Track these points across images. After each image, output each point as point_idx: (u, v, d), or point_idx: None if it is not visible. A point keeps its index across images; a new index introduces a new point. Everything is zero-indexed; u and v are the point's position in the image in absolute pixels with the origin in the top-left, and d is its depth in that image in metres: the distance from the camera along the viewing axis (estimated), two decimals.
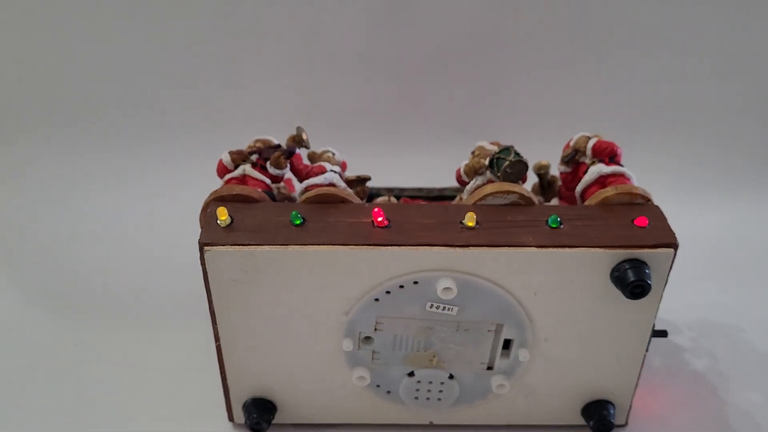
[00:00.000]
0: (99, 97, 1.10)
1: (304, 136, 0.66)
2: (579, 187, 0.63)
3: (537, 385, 0.62)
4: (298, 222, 0.55)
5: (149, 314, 0.82)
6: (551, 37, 1.08)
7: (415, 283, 0.55)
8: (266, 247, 0.53)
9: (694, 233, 0.80)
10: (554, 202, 0.70)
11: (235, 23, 1.07)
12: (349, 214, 0.57)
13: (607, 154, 0.63)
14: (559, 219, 0.56)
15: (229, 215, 0.55)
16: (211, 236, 0.54)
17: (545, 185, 0.72)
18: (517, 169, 0.60)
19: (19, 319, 0.80)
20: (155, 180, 1.06)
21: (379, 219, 0.55)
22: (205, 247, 0.53)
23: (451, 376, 0.62)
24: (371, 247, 0.53)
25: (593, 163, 0.64)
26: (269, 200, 0.60)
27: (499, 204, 0.59)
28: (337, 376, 0.61)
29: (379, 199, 0.72)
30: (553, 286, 0.56)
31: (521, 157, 0.61)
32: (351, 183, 0.65)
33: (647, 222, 0.55)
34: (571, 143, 0.68)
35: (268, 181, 0.63)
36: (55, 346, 0.76)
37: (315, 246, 0.53)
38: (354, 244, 0.53)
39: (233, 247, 0.53)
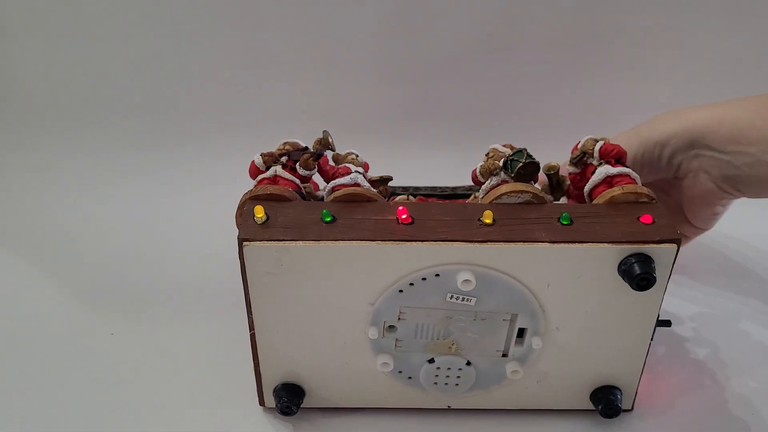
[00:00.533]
0: (133, 99, 1.16)
1: (330, 139, 0.71)
2: (587, 187, 0.67)
3: (549, 371, 0.67)
4: (328, 219, 0.60)
5: (179, 306, 0.86)
6: (560, 41, 1.12)
7: (437, 275, 0.60)
8: (300, 243, 0.58)
9: None
10: (563, 200, 0.75)
11: (259, 33, 1.12)
12: (375, 211, 0.61)
13: (613, 156, 0.68)
14: (570, 216, 0.60)
15: (265, 213, 0.60)
16: (249, 232, 0.58)
17: (555, 185, 0.76)
18: (529, 170, 0.65)
19: (52, 314, 0.85)
20: (186, 178, 1.11)
21: (403, 216, 0.60)
22: (244, 243, 0.58)
23: (468, 363, 0.66)
24: (396, 242, 0.58)
25: (600, 164, 0.68)
26: (300, 199, 0.64)
27: (514, 203, 0.63)
28: (362, 362, 0.66)
29: (399, 198, 0.76)
30: (565, 278, 0.60)
31: (533, 158, 0.65)
32: (374, 183, 0.69)
33: (652, 219, 0.60)
34: (579, 146, 0.72)
35: (297, 181, 0.68)
36: (88, 337, 0.81)
37: (345, 242, 0.58)
38: (381, 240, 0.58)
39: (270, 242, 0.58)
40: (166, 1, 1.10)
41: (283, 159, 0.69)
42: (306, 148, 0.71)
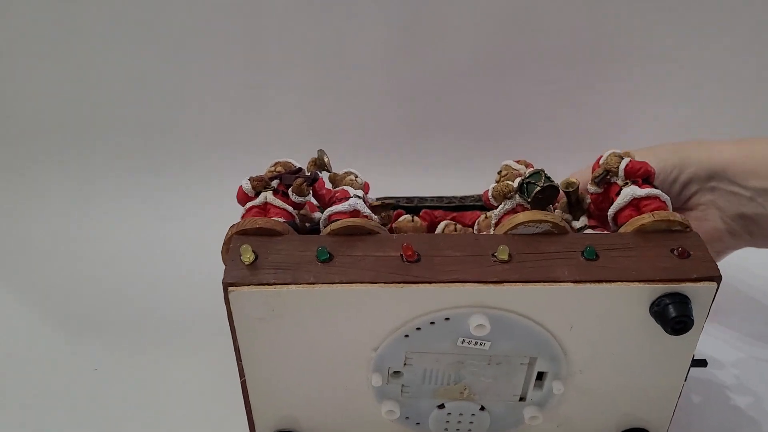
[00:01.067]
0: (121, 120, 1.09)
1: (326, 159, 0.64)
2: (612, 211, 0.61)
3: (571, 416, 0.61)
4: (324, 257, 0.53)
5: (167, 338, 0.80)
6: (571, 56, 1.05)
7: (447, 319, 0.53)
8: (293, 287, 0.52)
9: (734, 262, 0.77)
10: (583, 220, 0.68)
11: (255, 47, 1.05)
12: (377, 247, 0.55)
13: (640, 175, 0.61)
14: (595, 250, 0.54)
15: (253, 252, 0.53)
16: (235, 275, 0.52)
17: (573, 202, 0.69)
18: (548, 194, 0.58)
19: (31, 347, 0.79)
20: (176, 202, 1.04)
21: (409, 253, 0.53)
22: (230, 288, 0.52)
23: (482, 408, 0.60)
24: (401, 285, 0.52)
25: (626, 184, 0.61)
26: (293, 232, 0.58)
27: (532, 233, 0.56)
28: (365, 409, 0.60)
29: (403, 219, 0.70)
30: (590, 319, 0.54)
31: (552, 181, 0.58)
32: (375, 209, 0.63)
33: (687, 252, 0.53)
34: (601, 161, 0.65)
35: (290, 209, 0.61)
36: (69, 373, 0.75)
37: (343, 285, 0.52)
38: (384, 282, 0.52)
39: (259, 287, 0.52)
40: (160, 22, 1.03)
41: (275, 183, 0.63)
42: (299, 169, 0.65)
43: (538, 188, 0.58)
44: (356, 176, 0.66)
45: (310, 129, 1.09)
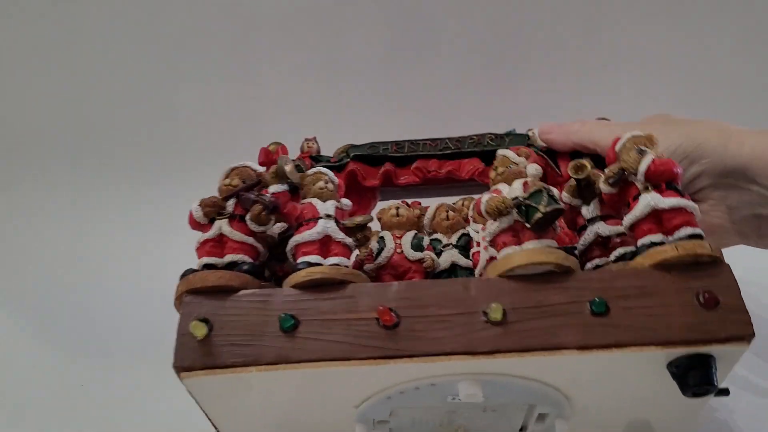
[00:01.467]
0: (113, 134, 1.03)
1: (288, 169, 0.54)
2: (627, 221, 0.51)
3: None
4: (288, 326, 0.46)
5: (155, 355, 0.75)
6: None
7: (433, 384, 0.47)
8: (254, 369, 0.45)
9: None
10: (594, 208, 0.58)
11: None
12: (349, 306, 0.47)
13: (664, 179, 0.51)
14: (605, 303, 0.45)
15: (206, 323, 0.46)
16: (186, 357, 0.45)
17: (584, 186, 0.59)
18: (551, 219, 0.49)
19: (16, 362, 0.76)
20: (168, 219, 0.95)
21: (385, 318, 0.46)
22: (182, 374, 0.45)
23: None
24: (376, 360, 0.45)
25: (646, 189, 0.51)
26: (251, 280, 0.50)
27: (530, 274, 0.48)
28: None
29: (387, 211, 0.61)
30: (598, 378, 0.47)
31: (556, 202, 0.49)
32: (350, 231, 0.54)
33: (716, 300, 0.45)
34: (618, 147, 0.54)
35: (250, 240, 0.52)
36: (56, 389, 0.72)
37: (309, 364, 0.45)
38: (357, 359, 0.45)
39: (214, 372, 0.45)
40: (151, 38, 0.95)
41: (230, 205, 0.53)
42: (257, 182, 0.55)
43: (540, 215, 0.48)
44: (326, 181, 0.56)
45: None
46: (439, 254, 0.60)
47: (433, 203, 0.65)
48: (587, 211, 0.59)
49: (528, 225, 0.49)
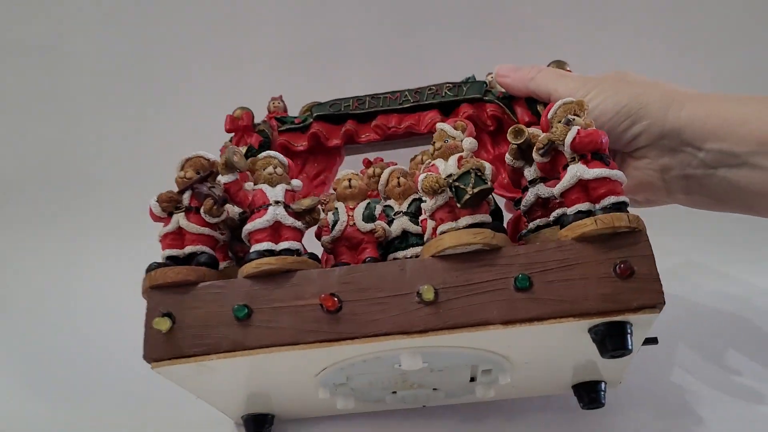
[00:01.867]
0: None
1: (236, 159, 0.57)
2: (557, 191, 0.54)
3: (524, 380, 0.61)
4: (242, 315, 0.51)
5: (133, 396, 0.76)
6: None
7: (378, 358, 0.52)
8: (214, 357, 0.50)
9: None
10: (534, 169, 0.60)
11: None
12: (296, 293, 0.51)
13: (589, 150, 0.53)
14: (528, 278, 0.49)
15: (169, 317, 0.51)
16: (154, 350, 0.51)
17: (524, 149, 0.61)
18: (479, 198, 0.52)
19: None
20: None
21: (328, 304, 0.50)
22: (153, 364, 0.51)
23: (434, 389, 0.61)
24: (321, 343, 0.49)
25: (573, 159, 0.53)
26: (209, 273, 0.54)
27: (461, 253, 0.51)
28: (324, 404, 0.62)
29: (340, 182, 0.64)
30: (527, 344, 0.51)
31: (484, 182, 0.51)
32: (300, 215, 0.57)
33: (630, 269, 0.48)
34: (550, 115, 0.56)
35: (207, 231, 0.56)
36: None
37: (262, 350, 0.50)
38: (304, 343, 0.50)
39: (179, 361, 0.50)
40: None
41: (186, 198, 0.57)
42: (210, 173, 0.58)
43: (468, 197, 0.51)
44: (276, 165, 0.59)
45: None
46: (390, 222, 0.63)
47: (393, 157, 0.68)
48: (528, 172, 0.61)
49: (459, 205, 0.52)
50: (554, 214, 0.58)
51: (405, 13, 1.01)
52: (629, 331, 0.48)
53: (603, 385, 0.62)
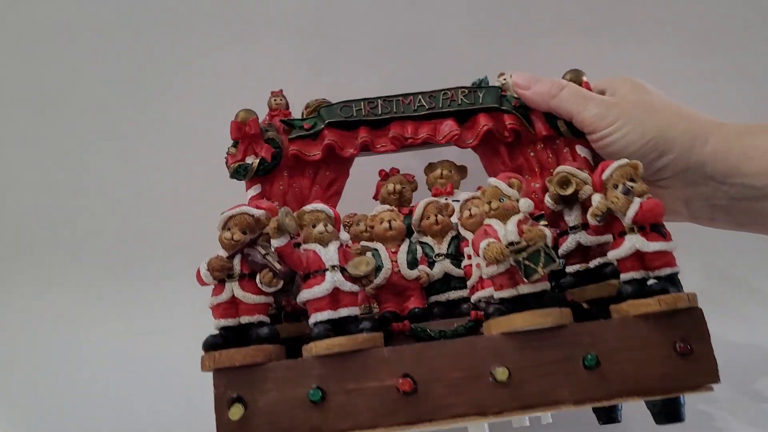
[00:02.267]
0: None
1: (288, 221, 0.54)
2: (613, 256, 0.56)
3: None
4: (317, 399, 0.51)
5: None
6: None
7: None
8: None
9: None
10: (576, 215, 0.61)
11: None
12: (371, 373, 0.52)
13: (649, 222, 0.54)
14: (596, 358, 0.52)
15: (241, 403, 0.50)
16: None
17: (568, 199, 0.62)
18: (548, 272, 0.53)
19: None
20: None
21: (405, 387, 0.51)
22: None
23: None
24: (400, 426, 0.51)
25: (632, 230, 0.55)
26: (275, 351, 0.53)
27: (529, 330, 0.53)
28: None
29: (381, 227, 0.63)
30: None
31: (553, 261, 0.53)
32: (356, 281, 0.56)
33: (689, 347, 0.52)
34: (605, 178, 0.57)
35: (262, 300, 0.55)
36: None
37: None
38: (384, 426, 0.51)
39: None
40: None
41: (237, 264, 0.54)
42: (259, 234, 0.55)
43: (538, 275, 0.52)
44: (326, 222, 0.57)
45: None
46: (431, 264, 0.64)
47: (420, 202, 0.67)
48: (570, 218, 0.62)
49: (525, 280, 0.53)
50: (594, 263, 0.61)
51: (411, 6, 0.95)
52: (683, 402, 0.52)
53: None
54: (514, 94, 0.75)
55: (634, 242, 0.54)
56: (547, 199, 0.63)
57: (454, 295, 0.63)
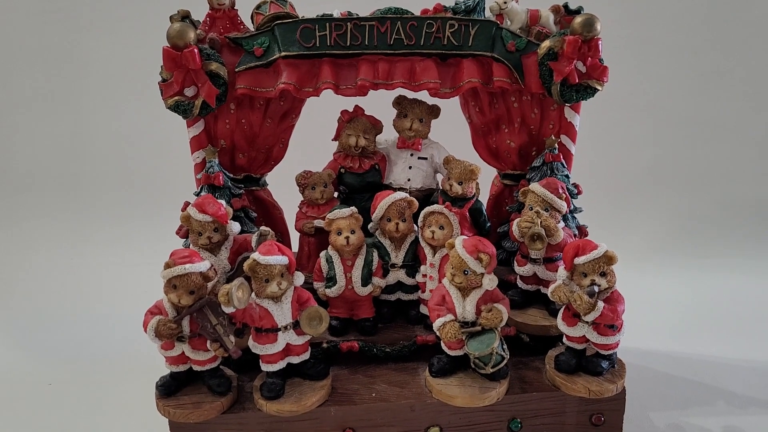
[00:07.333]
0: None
1: (240, 295, 0.51)
2: (561, 327, 0.57)
3: None
4: None
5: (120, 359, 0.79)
6: None
7: None
8: None
9: None
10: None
11: None
12: (317, 427, 0.57)
13: (605, 323, 0.55)
14: (520, 423, 0.58)
15: None
16: None
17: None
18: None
19: None
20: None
21: None
22: None
23: None
24: None
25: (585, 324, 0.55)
26: (227, 402, 0.56)
27: None
28: None
29: (337, 216, 0.59)
30: None
31: (503, 359, 0.55)
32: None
33: (602, 421, 0.59)
34: (575, 262, 0.54)
35: (211, 355, 0.55)
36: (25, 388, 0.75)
37: None
38: None
39: None
40: None
41: (185, 326, 0.53)
42: (210, 302, 0.52)
43: (486, 373, 0.55)
44: (279, 281, 0.53)
45: None
46: (386, 271, 0.62)
47: (382, 201, 0.62)
48: (535, 252, 0.61)
49: (474, 369, 0.56)
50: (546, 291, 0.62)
51: None
52: None
53: None
54: (517, 23, 0.63)
55: (584, 331, 0.55)
56: (515, 233, 0.61)
57: (404, 297, 0.64)
